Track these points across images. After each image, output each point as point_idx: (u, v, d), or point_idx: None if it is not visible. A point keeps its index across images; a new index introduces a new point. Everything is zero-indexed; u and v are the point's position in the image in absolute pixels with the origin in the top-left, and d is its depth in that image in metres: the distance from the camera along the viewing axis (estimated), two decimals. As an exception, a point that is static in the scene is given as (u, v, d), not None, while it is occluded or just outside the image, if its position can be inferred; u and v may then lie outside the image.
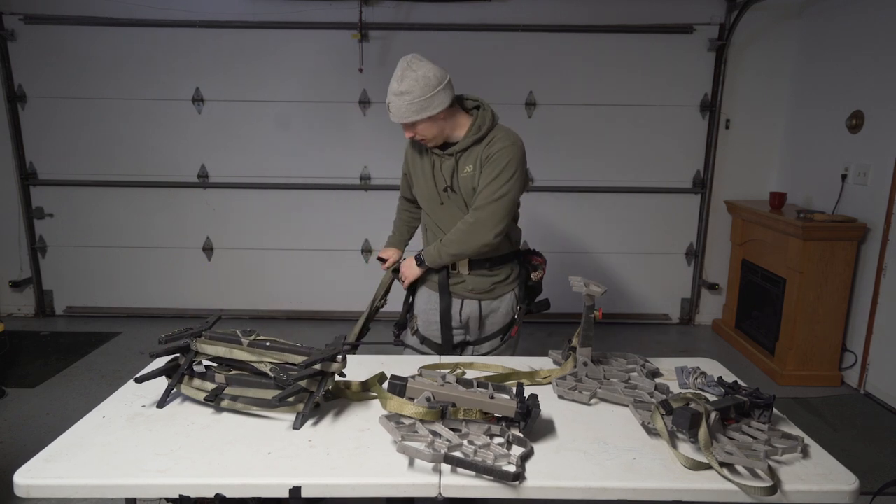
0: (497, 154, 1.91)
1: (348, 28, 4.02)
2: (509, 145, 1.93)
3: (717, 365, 1.86)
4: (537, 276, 2.16)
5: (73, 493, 1.22)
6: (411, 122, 1.90)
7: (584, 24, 4.11)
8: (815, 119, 3.90)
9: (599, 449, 1.35)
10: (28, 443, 2.76)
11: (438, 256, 2.00)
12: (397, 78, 1.87)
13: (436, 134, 1.94)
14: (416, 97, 1.85)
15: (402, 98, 1.86)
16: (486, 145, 1.94)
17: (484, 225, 1.91)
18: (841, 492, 1.23)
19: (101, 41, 4.12)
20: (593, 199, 4.39)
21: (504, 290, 2.10)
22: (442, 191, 2.01)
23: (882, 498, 2.34)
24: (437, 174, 2.02)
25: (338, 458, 1.30)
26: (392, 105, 1.90)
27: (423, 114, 1.87)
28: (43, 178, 4.34)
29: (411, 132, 1.95)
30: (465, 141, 1.95)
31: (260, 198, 4.38)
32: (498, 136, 1.95)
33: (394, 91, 1.88)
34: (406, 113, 1.87)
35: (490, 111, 2.00)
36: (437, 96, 1.87)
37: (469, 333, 2.15)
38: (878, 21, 3.37)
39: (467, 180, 1.97)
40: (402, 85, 1.86)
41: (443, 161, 2.00)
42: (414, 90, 1.85)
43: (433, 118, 1.90)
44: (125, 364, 3.66)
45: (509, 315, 2.13)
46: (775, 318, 3.70)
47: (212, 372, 1.55)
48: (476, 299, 2.09)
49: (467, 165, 1.97)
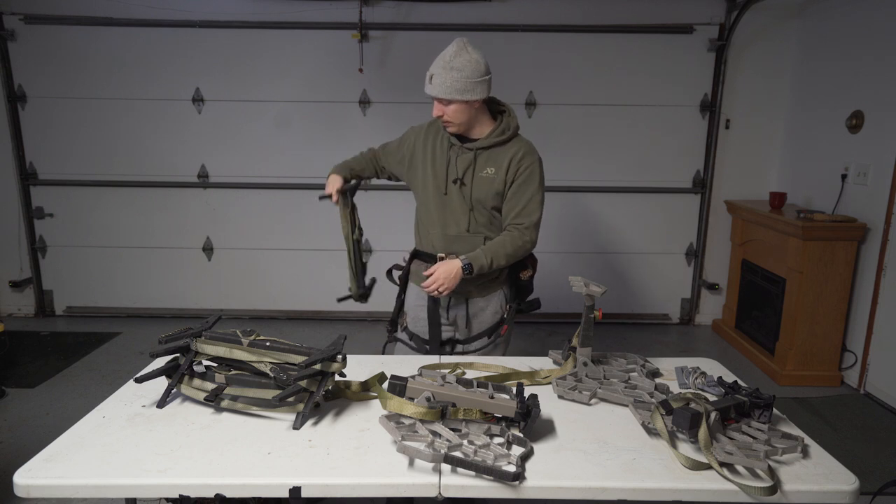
0: (529, 169, 1.97)
1: (348, 28, 4.02)
2: (537, 160, 1.99)
3: (717, 365, 1.86)
4: (526, 275, 2.15)
5: (73, 493, 1.22)
6: (450, 99, 1.88)
7: (584, 24, 4.11)
8: (815, 119, 3.90)
9: (599, 449, 1.35)
10: (28, 443, 2.76)
11: (489, 266, 1.94)
12: (452, 53, 1.88)
13: (463, 121, 1.94)
14: (465, 76, 1.86)
15: (452, 74, 1.86)
16: (514, 155, 1.96)
17: (531, 241, 1.99)
18: (841, 492, 1.23)
19: (100, 41, 4.12)
20: (593, 199, 4.39)
21: (492, 288, 2.10)
22: (452, 182, 1.99)
23: (882, 498, 2.34)
24: (450, 165, 2.00)
25: (338, 458, 1.30)
26: (437, 77, 1.88)
27: (465, 95, 1.88)
28: (43, 178, 4.34)
29: (441, 111, 1.93)
30: (488, 140, 1.97)
31: (260, 198, 4.38)
32: (525, 150, 1.99)
33: (445, 64, 1.87)
34: (450, 89, 1.87)
35: (516, 119, 2.03)
36: (481, 84, 1.90)
37: (458, 331, 2.13)
38: (878, 21, 3.37)
39: (486, 182, 1.98)
40: (456, 61, 1.86)
41: (460, 153, 1.99)
42: (466, 69, 1.86)
43: (469, 104, 1.91)
44: (125, 364, 3.66)
45: (498, 314, 2.12)
46: (775, 318, 3.70)
47: (212, 372, 1.55)
48: (464, 297, 2.08)
49: (488, 167, 1.97)
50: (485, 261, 1.92)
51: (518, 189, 1.97)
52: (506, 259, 1.96)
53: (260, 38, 4.14)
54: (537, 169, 2.00)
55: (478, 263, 1.91)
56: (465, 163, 1.98)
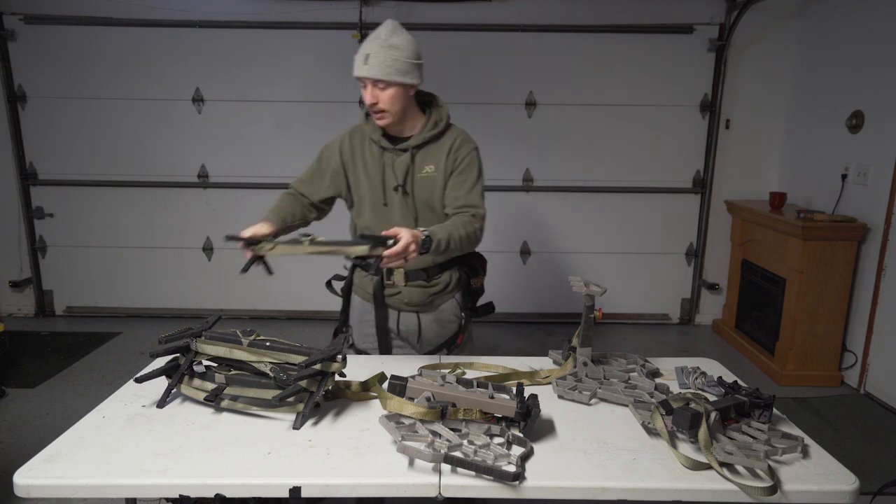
0: (468, 158, 1.83)
1: (348, 28, 4.02)
2: (474, 149, 1.86)
3: (717, 365, 1.86)
4: (478, 282, 2.00)
5: (73, 493, 1.22)
6: (389, 81, 1.71)
7: (584, 24, 4.12)
8: (815, 119, 3.90)
9: (599, 449, 1.35)
10: (28, 443, 2.76)
11: (445, 245, 1.68)
12: (388, 31, 1.72)
13: (398, 109, 1.77)
14: (405, 55, 1.71)
15: (391, 52, 1.69)
16: (451, 146, 1.83)
17: (481, 229, 1.81)
18: (841, 492, 1.23)
19: (100, 41, 4.12)
20: (593, 199, 4.39)
21: (443, 300, 1.95)
22: (392, 190, 1.83)
23: (882, 498, 2.34)
24: (386, 172, 1.83)
25: (338, 458, 1.30)
26: (374, 57, 1.69)
27: (404, 77, 1.72)
28: (43, 178, 4.34)
29: (375, 98, 1.74)
30: (422, 135, 1.82)
31: (260, 198, 4.37)
32: (462, 139, 1.85)
33: (382, 42, 1.70)
34: (389, 70, 1.69)
35: (446, 108, 1.88)
36: (418, 67, 1.76)
37: (410, 347, 2.00)
38: (878, 21, 3.37)
39: (427, 182, 1.83)
40: (394, 39, 1.71)
41: (395, 157, 1.83)
42: (405, 48, 1.72)
43: (406, 89, 1.75)
44: (125, 364, 3.66)
45: (454, 323, 1.99)
46: (775, 319, 3.70)
47: (212, 372, 1.55)
48: (414, 312, 1.95)
49: (427, 165, 1.82)
50: (442, 236, 1.66)
51: (458, 178, 1.82)
52: (459, 243, 1.72)
53: (260, 38, 4.14)
54: (476, 158, 1.85)
55: (436, 238, 1.64)
56: (402, 166, 1.82)
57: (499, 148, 4.24)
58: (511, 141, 4.27)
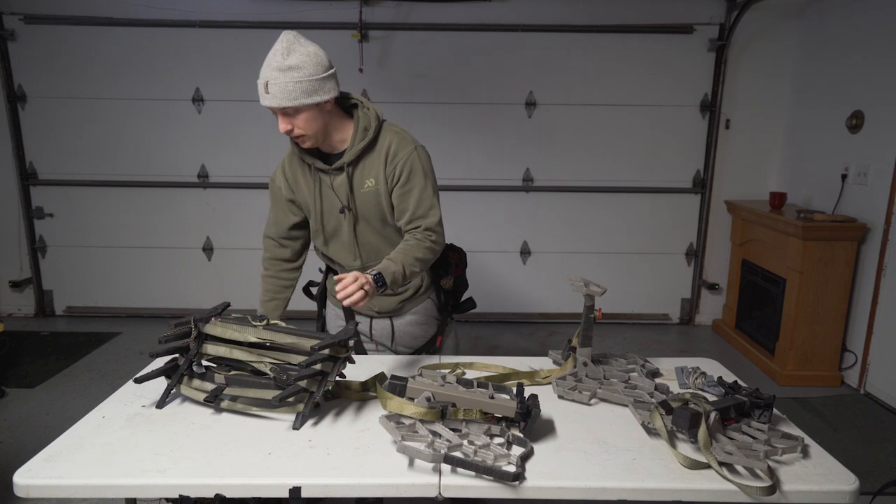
0: (407, 163, 1.69)
1: (348, 28, 4.02)
2: (413, 150, 1.71)
3: (717, 365, 1.86)
4: (447, 284, 1.92)
5: (73, 493, 1.22)
6: (297, 106, 1.57)
7: (584, 24, 4.12)
8: (815, 119, 3.90)
9: (599, 449, 1.35)
10: (28, 443, 2.76)
11: (404, 275, 1.62)
12: (282, 51, 1.55)
13: (317, 129, 1.64)
14: (307, 75, 1.55)
15: (290, 74, 1.54)
16: (386, 153, 1.70)
17: (438, 242, 1.73)
18: (841, 492, 1.23)
19: (101, 41, 4.12)
20: (593, 198, 4.39)
21: (413, 304, 1.91)
22: (339, 213, 1.74)
23: (882, 498, 2.34)
24: (328, 194, 1.73)
25: (338, 458, 1.30)
26: (273, 84, 1.55)
27: (313, 97, 1.57)
28: (43, 178, 4.34)
29: (289, 125, 1.61)
30: (354, 149, 1.68)
31: (260, 198, 4.37)
32: (397, 142, 1.70)
33: (277, 66, 1.54)
34: (293, 94, 1.55)
35: (373, 110, 1.72)
36: (328, 80, 1.60)
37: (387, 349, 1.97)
38: (877, 21, 3.37)
39: (369, 196, 1.72)
40: (290, 59, 1.54)
41: (333, 178, 1.72)
42: (305, 66, 1.55)
43: (321, 107, 1.61)
44: (125, 364, 3.66)
45: (432, 325, 1.95)
46: (775, 319, 3.70)
47: (211, 372, 1.55)
48: (386, 318, 1.91)
49: (367, 179, 1.71)
50: (396, 268, 1.60)
51: (401, 190, 1.70)
52: (420, 265, 1.67)
53: (260, 38, 4.13)
54: (417, 159, 1.69)
55: (389, 272, 1.58)
56: (343, 187, 1.70)
57: (499, 148, 4.24)
58: (511, 141, 4.27)
